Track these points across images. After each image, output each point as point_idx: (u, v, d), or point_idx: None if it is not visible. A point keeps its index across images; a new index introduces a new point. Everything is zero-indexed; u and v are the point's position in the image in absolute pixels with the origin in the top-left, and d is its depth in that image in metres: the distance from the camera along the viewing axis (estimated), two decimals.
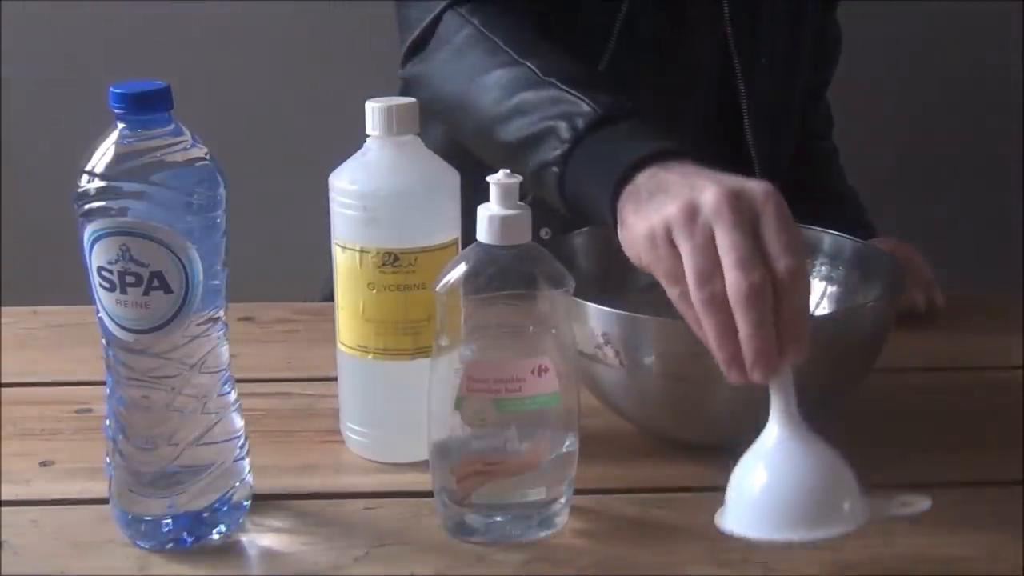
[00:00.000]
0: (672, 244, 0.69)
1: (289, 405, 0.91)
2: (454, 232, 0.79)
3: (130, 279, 0.67)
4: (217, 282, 0.70)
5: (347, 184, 0.78)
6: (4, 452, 0.84)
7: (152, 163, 0.66)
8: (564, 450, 0.73)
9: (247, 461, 0.74)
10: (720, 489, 0.68)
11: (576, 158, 0.82)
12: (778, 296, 0.66)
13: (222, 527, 0.73)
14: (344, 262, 0.79)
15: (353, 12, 1.72)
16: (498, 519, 0.73)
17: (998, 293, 1.13)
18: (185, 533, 0.72)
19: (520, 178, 0.71)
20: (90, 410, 0.89)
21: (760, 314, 0.65)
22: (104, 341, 0.70)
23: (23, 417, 0.89)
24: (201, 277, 0.68)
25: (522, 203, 0.71)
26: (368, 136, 0.79)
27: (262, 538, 0.74)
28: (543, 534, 0.73)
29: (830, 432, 0.84)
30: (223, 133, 0.86)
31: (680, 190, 0.70)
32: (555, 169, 0.82)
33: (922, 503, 0.67)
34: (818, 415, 0.84)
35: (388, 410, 0.82)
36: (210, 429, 0.71)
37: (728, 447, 0.68)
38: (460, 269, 0.70)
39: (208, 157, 0.69)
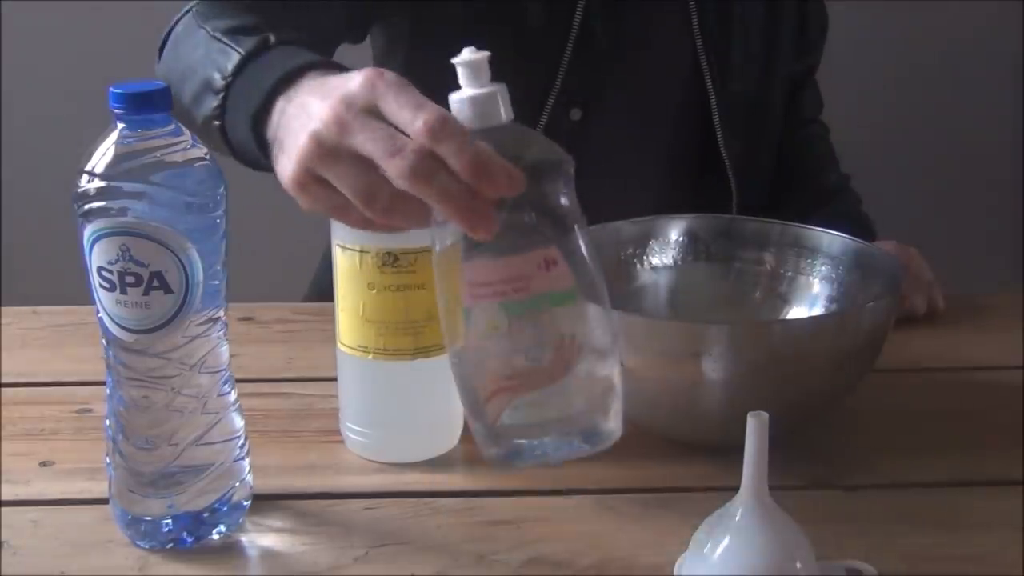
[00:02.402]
0: (320, 181, 0.67)
1: (289, 405, 0.91)
2: (455, 232, 0.79)
3: (130, 279, 0.67)
4: (217, 282, 0.70)
5: None
6: (4, 452, 0.84)
7: (152, 163, 0.66)
8: (598, 366, 0.65)
9: (247, 461, 0.74)
10: (720, 489, 0.68)
11: (229, 105, 0.82)
12: (439, 154, 0.62)
13: (222, 527, 0.73)
14: (344, 262, 0.79)
15: None
16: (542, 440, 0.65)
17: (998, 293, 1.13)
18: (185, 533, 0.72)
19: (488, 53, 0.65)
20: (90, 410, 0.89)
21: (433, 185, 0.62)
22: (104, 341, 0.70)
23: (23, 417, 0.89)
24: (201, 277, 0.68)
25: (495, 82, 0.64)
26: None
27: (262, 538, 0.74)
28: (595, 449, 0.65)
29: (831, 432, 0.85)
30: None
31: (299, 124, 0.68)
32: (216, 123, 0.83)
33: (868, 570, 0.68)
34: (819, 415, 0.84)
35: (388, 410, 0.82)
36: (210, 429, 0.71)
37: (728, 447, 0.68)
38: None
39: (208, 157, 0.69)
